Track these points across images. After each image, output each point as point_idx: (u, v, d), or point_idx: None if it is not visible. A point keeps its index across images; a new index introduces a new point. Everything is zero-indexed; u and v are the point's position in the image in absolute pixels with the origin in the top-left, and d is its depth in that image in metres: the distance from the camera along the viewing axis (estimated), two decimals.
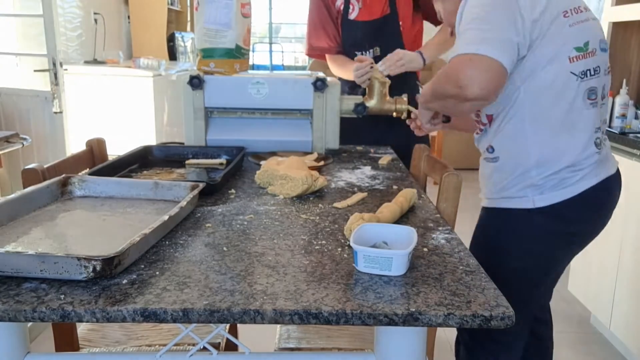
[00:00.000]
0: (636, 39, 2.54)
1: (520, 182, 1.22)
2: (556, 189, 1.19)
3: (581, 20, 1.17)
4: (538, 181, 1.20)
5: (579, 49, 1.15)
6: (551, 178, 1.19)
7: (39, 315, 0.67)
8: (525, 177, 1.21)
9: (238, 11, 1.65)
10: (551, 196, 1.20)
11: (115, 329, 1.32)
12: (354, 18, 1.90)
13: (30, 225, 0.94)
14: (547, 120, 1.17)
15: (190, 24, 5.48)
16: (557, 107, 1.16)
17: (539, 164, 1.19)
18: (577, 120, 1.17)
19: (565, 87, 1.15)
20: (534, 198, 1.21)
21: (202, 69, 1.70)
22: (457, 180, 1.18)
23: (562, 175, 1.19)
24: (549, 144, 1.18)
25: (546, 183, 1.19)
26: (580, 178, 1.19)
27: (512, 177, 1.23)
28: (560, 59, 1.14)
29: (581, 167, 1.19)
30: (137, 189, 1.13)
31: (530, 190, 1.21)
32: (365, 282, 0.77)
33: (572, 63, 1.15)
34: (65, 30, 3.53)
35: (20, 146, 2.40)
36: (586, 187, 1.19)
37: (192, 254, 0.85)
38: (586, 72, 1.17)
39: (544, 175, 1.19)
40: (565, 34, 1.14)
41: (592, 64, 1.17)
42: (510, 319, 0.68)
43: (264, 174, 1.27)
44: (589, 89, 1.17)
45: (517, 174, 1.22)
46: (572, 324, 2.46)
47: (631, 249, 2.07)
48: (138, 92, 3.34)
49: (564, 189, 1.19)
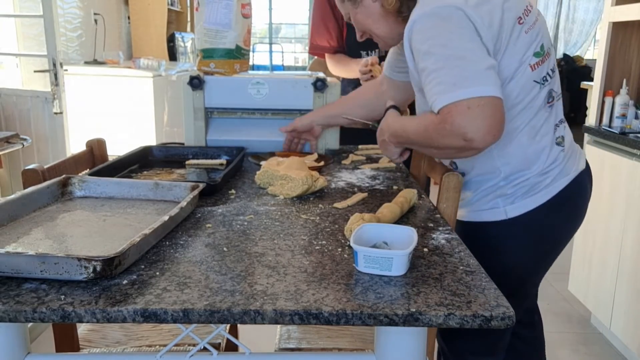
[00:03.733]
0: (636, 39, 2.54)
1: (489, 194, 1.18)
2: (528, 196, 1.16)
3: (533, 22, 1.11)
4: (508, 190, 1.16)
5: (537, 54, 1.10)
6: (522, 185, 1.15)
7: (39, 316, 0.67)
8: (493, 188, 1.18)
9: (238, 12, 1.65)
10: (523, 204, 1.16)
11: (116, 329, 1.32)
12: None
13: (30, 226, 0.94)
14: (514, 133, 1.13)
15: (191, 24, 5.48)
16: (523, 117, 1.12)
17: (507, 175, 1.15)
18: (540, 125, 1.14)
19: (530, 97, 1.11)
20: (505, 208, 1.17)
21: (202, 70, 1.70)
22: (457, 180, 1.18)
23: (533, 181, 1.15)
24: (517, 155, 1.14)
25: (516, 191, 1.16)
26: (551, 180, 1.16)
27: (479, 190, 1.20)
28: (522, 70, 1.09)
29: (551, 169, 1.16)
30: (137, 190, 1.13)
31: (501, 200, 1.17)
32: (366, 282, 0.77)
33: (534, 71, 1.10)
34: (65, 31, 3.53)
35: (20, 147, 2.40)
36: (559, 189, 1.16)
37: (193, 255, 0.85)
38: (546, 76, 1.13)
39: (513, 184, 1.16)
40: (523, 42, 1.08)
41: (548, 66, 1.14)
42: (510, 319, 0.68)
43: (264, 174, 1.27)
44: (548, 92, 1.14)
45: (485, 187, 1.18)
46: (572, 324, 2.46)
47: (631, 249, 2.07)
48: (138, 93, 3.34)
49: (536, 195, 1.15)
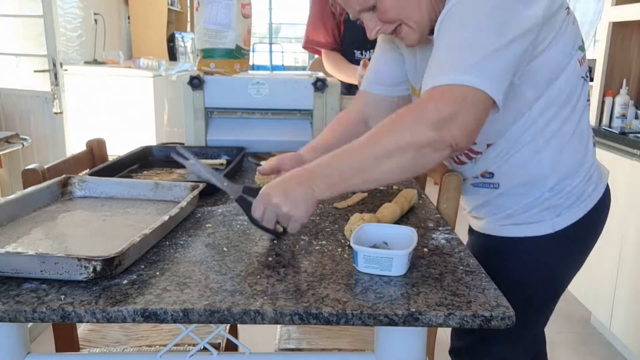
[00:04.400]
0: (636, 39, 2.54)
1: (535, 207, 1.06)
2: (575, 206, 1.05)
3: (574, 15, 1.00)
4: (556, 201, 1.05)
5: (582, 47, 0.99)
6: (570, 195, 1.05)
7: (39, 316, 0.67)
8: (540, 199, 1.05)
9: (238, 11, 1.65)
10: (571, 215, 1.05)
11: (116, 329, 1.32)
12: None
13: (30, 226, 0.94)
14: (563, 134, 1.01)
15: (191, 24, 5.48)
16: (573, 120, 1.02)
17: (558, 182, 1.04)
18: (585, 127, 1.06)
19: (577, 95, 1.01)
20: (552, 222, 1.05)
21: (202, 69, 1.70)
22: (457, 180, 1.18)
23: (579, 190, 1.05)
24: (566, 162, 1.03)
25: (564, 202, 1.05)
26: (594, 187, 1.07)
27: (523, 202, 1.07)
28: (572, 64, 0.97)
29: (591, 174, 1.07)
30: (137, 190, 1.13)
31: (547, 213, 1.05)
32: (366, 282, 0.77)
33: (581, 65, 0.99)
34: (65, 31, 3.53)
35: (20, 147, 2.40)
36: (600, 194, 1.08)
37: (193, 255, 0.85)
38: (587, 73, 1.04)
39: (561, 194, 1.04)
40: (571, 32, 0.96)
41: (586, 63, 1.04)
42: (510, 319, 0.68)
43: None
44: (587, 91, 1.05)
45: (531, 199, 1.06)
46: (572, 324, 2.46)
47: (631, 249, 2.07)
48: (138, 93, 3.34)
49: (582, 204, 1.06)
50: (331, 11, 1.95)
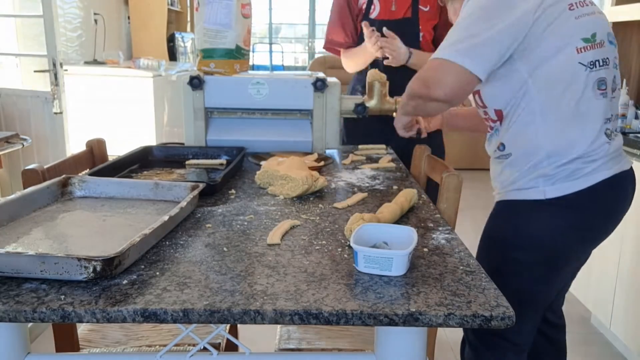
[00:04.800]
0: (636, 39, 2.54)
1: (532, 173, 1.20)
2: (568, 180, 1.18)
3: (587, 14, 1.17)
4: (550, 171, 1.18)
5: (586, 39, 1.15)
6: (563, 168, 1.17)
7: (39, 316, 0.67)
8: (536, 167, 1.19)
9: (238, 12, 1.65)
10: (563, 187, 1.18)
11: (116, 329, 1.32)
12: (374, 17, 1.92)
13: (30, 226, 0.94)
14: (558, 111, 1.16)
15: (191, 24, 5.48)
16: (567, 97, 1.16)
17: (550, 154, 1.18)
18: (588, 110, 1.17)
19: (575, 77, 1.15)
20: (545, 189, 1.19)
21: (202, 69, 1.70)
22: (457, 180, 1.18)
23: (575, 166, 1.17)
24: (560, 134, 1.17)
25: (558, 173, 1.18)
26: (592, 169, 1.17)
27: (523, 169, 1.21)
28: (567, 50, 1.14)
29: (594, 159, 1.17)
30: (137, 190, 1.13)
31: (542, 180, 1.19)
32: (366, 282, 0.77)
33: (580, 53, 1.15)
34: (65, 31, 3.53)
35: (20, 147, 2.40)
36: (599, 179, 1.18)
37: (193, 255, 0.85)
38: (595, 62, 1.16)
39: (555, 165, 1.17)
40: (571, 25, 1.15)
41: (600, 55, 1.17)
42: (510, 319, 0.68)
43: (264, 174, 1.27)
44: (598, 79, 1.17)
45: (529, 165, 1.20)
46: (572, 324, 2.46)
47: (631, 249, 2.06)
48: (138, 93, 3.34)
49: (576, 180, 1.17)
50: (349, 11, 1.97)
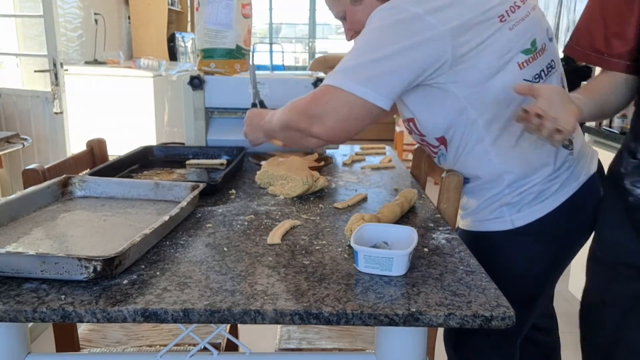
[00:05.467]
0: None
1: (494, 203, 1.11)
2: (535, 204, 1.08)
3: (521, 19, 1.03)
4: (513, 199, 1.09)
5: (527, 51, 1.03)
6: (528, 192, 1.08)
7: (39, 316, 0.67)
8: (498, 197, 1.10)
9: (238, 12, 1.65)
10: (530, 212, 1.08)
11: (116, 329, 1.32)
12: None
13: (30, 226, 0.94)
14: (510, 135, 1.05)
15: (191, 24, 5.48)
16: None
17: (511, 183, 1.08)
18: None
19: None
20: (511, 217, 1.09)
21: (202, 69, 1.70)
22: (457, 180, 1.18)
23: (539, 188, 1.07)
24: (519, 162, 1.07)
25: (523, 199, 1.08)
26: (559, 186, 1.08)
27: (483, 199, 1.12)
28: (508, 68, 1.01)
29: (558, 174, 1.08)
30: (137, 190, 1.13)
31: (507, 209, 1.10)
32: (366, 282, 0.77)
33: (523, 69, 1.02)
34: (66, 31, 3.53)
35: (20, 147, 2.40)
36: (568, 194, 1.08)
37: (193, 254, 0.85)
38: (541, 73, 1.05)
39: (518, 192, 1.08)
40: (506, 39, 1.01)
41: (545, 62, 1.06)
42: (510, 319, 0.68)
43: (264, 174, 1.27)
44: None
45: (489, 196, 1.11)
46: (573, 324, 2.46)
47: None
48: (138, 93, 3.34)
49: (543, 202, 1.08)
50: None
